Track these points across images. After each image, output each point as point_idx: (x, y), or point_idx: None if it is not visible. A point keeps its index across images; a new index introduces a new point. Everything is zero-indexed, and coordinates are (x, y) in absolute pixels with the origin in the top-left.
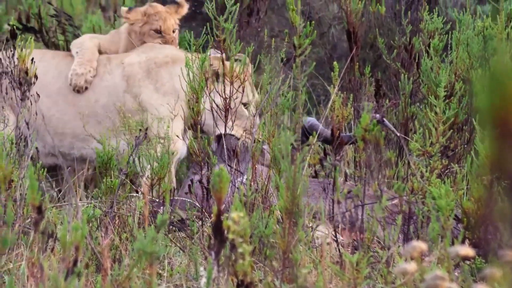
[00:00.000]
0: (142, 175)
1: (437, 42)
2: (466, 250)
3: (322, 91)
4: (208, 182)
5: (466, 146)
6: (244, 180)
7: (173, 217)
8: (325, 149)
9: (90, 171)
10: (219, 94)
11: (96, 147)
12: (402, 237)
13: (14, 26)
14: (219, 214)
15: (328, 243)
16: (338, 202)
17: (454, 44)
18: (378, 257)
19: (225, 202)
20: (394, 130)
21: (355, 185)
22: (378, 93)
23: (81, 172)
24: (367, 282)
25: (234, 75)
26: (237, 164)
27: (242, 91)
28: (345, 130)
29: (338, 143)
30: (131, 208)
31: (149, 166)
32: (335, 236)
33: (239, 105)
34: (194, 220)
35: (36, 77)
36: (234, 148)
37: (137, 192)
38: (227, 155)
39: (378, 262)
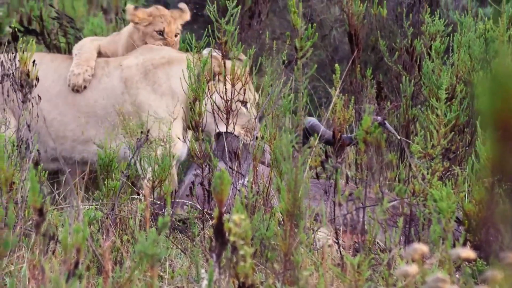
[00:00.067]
0: (143, 177)
1: (438, 45)
2: (468, 252)
3: (323, 94)
4: (209, 184)
5: (467, 148)
6: (245, 182)
7: (174, 218)
8: (326, 151)
9: (90, 174)
10: (220, 96)
11: (98, 150)
12: (403, 239)
13: (16, 29)
14: (221, 216)
15: (329, 245)
16: (340, 204)
17: (455, 46)
18: (379, 259)
19: (226, 204)
20: (395, 132)
21: (357, 187)
22: (379, 95)
23: (82, 174)
24: (369, 284)
25: (236, 77)
26: (238, 166)
27: (239, 90)
28: (346, 132)
29: (339, 145)
30: (132, 210)
31: (150, 168)
32: (337, 238)
33: (237, 103)
34: (195, 222)
35: (37, 79)
36: (235, 150)
37: (138, 194)
38: (229, 157)
39: (379, 265)
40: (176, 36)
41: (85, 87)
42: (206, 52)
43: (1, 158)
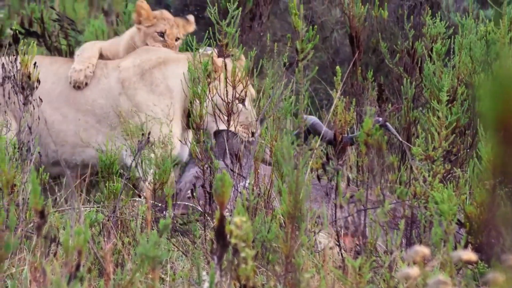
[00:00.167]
0: (144, 180)
1: (439, 47)
2: (469, 254)
3: (324, 96)
4: (210, 186)
5: (468, 150)
6: (246, 184)
7: (175, 221)
8: (327, 153)
9: (89, 176)
10: (221, 98)
11: (99, 152)
12: (404, 241)
13: (17, 31)
14: (222, 219)
15: (330, 248)
16: (341, 206)
17: (456, 48)
18: (380, 261)
19: (227, 206)
20: (396, 134)
21: (358, 189)
22: (380, 97)
23: (83, 177)
24: (370, 286)
25: (237, 79)
26: (239, 168)
27: (240, 92)
28: (347, 133)
29: (341, 148)
30: (134, 212)
31: (151, 170)
32: (338, 240)
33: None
34: (196, 224)
35: (38, 81)
36: (236, 151)
37: (139, 196)
38: (230, 159)
39: (380, 267)
40: (176, 40)
41: (86, 84)
42: (205, 51)
43: (2, 160)
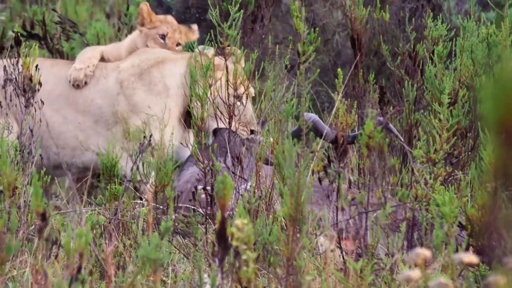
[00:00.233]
0: (146, 182)
1: (441, 49)
2: (470, 257)
3: (326, 98)
4: (212, 188)
5: (470, 153)
6: (248, 187)
7: (177, 223)
8: (329, 156)
9: (89, 178)
10: (223, 101)
11: (100, 154)
12: (406, 244)
13: (19, 33)
14: (223, 221)
15: (332, 250)
16: (342, 209)
17: (458, 51)
18: (382, 264)
19: (229, 208)
20: (398, 134)
21: (359, 192)
22: (382, 100)
23: (85, 179)
24: None
25: (238, 82)
26: (241, 171)
27: (235, 90)
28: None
29: (342, 150)
30: (135, 215)
31: (153, 173)
32: (339, 243)
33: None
34: (198, 226)
35: (40, 84)
36: (238, 155)
37: (141, 199)
38: (232, 162)
39: (382, 269)
40: (177, 45)
41: (85, 83)
42: (205, 50)
43: (4, 163)
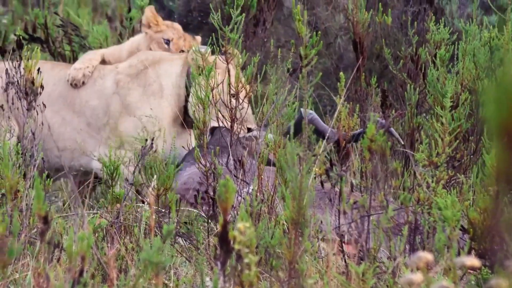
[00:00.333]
0: (148, 185)
1: (443, 53)
2: (472, 260)
3: (328, 102)
4: (214, 192)
5: (472, 156)
6: (250, 190)
7: (179, 227)
8: (331, 159)
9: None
10: (225, 104)
11: (102, 157)
12: (408, 247)
13: (21, 36)
14: (225, 225)
15: (334, 254)
16: (344, 212)
17: (460, 54)
18: (384, 267)
19: (231, 212)
20: (399, 138)
21: (361, 195)
22: (384, 103)
23: (86, 182)
24: None
25: (240, 86)
26: (243, 174)
27: (237, 93)
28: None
29: (344, 153)
30: (137, 218)
31: (155, 176)
32: (341, 246)
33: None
34: (200, 229)
35: (42, 87)
36: (240, 158)
37: (143, 202)
38: (234, 166)
39: (384, 273)
40: (181, 52)
41: (83, 83)
42: (203, 49)
43: (6, 166)
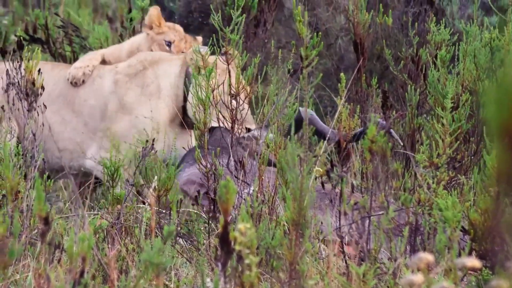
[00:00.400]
0: (149, 186)
1: (444, 54)
2: (473, 261)
3: (329, 103)
4: (215, 193)
5: (473, 157)
6: (251, 191)
7: (180, 228)
8: (331, 160)
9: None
10: (226, 106)
11: (104, 159)
12: (408, 248)
13: (21, 37)
14: (226, 225)
15: (334, 255)
16: (345, 213)
17: (461, 55)
18: (384, 268)
19: (231, 213)
20: (398, 139)
21: (362, 196)
22: (385, 104)
23: (88, 183)
24: None
25: (241, 87)
26: (243, 175)
27: (237, 95)
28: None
29: (345, 155)
30: (138, 219)
31: (156, 177)
32: (342, 247)
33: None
34: (200, 231)
35: (43, 88)
36: (241, 159)
37: (143, 203)
38: (235, 167)
39: (385, 274)
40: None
41: (83, 81)
42: (203, 50)
43: (6, 167)
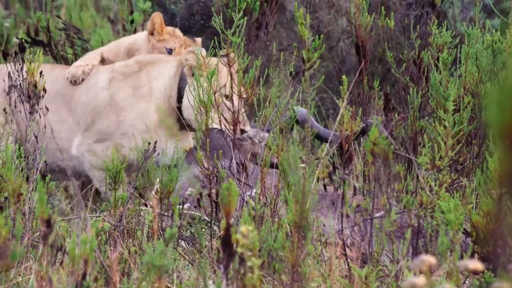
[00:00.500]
0: (151, 189)
1: (446, 56)
2: (475, 264)
3: (331, 105)
4: (217, 195)
5: (475, 160)
6: (253, 193)
7: (182, 230)
8: (334, 162)
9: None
10: (228, 108)
11: (104, 160)
12: (411, 251)
13: (23, 40)
14: (228, 228)
15: (336, 257)
16: (347, 216)
17: (463, 58)
18: (387, 271)
19: (234, 215)
20: (392, 141)
21: (364, 198)
22: (387, 107)
23: (90, 185)
24: None
25: (242, 89)
26: (246, 177)
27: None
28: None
29: (347, 157)
30: (140, 221)
31: (158, 179)
32: (344, 250)
33: (222, 97)
34: (203, 233)
35: (44, 90)
36: (243, 161)
37: (146, 205)
38: (237, 169)
39: (387, 276)
40: None
41: (82, 80)
42: (204, 52)
43: (8, 169)
